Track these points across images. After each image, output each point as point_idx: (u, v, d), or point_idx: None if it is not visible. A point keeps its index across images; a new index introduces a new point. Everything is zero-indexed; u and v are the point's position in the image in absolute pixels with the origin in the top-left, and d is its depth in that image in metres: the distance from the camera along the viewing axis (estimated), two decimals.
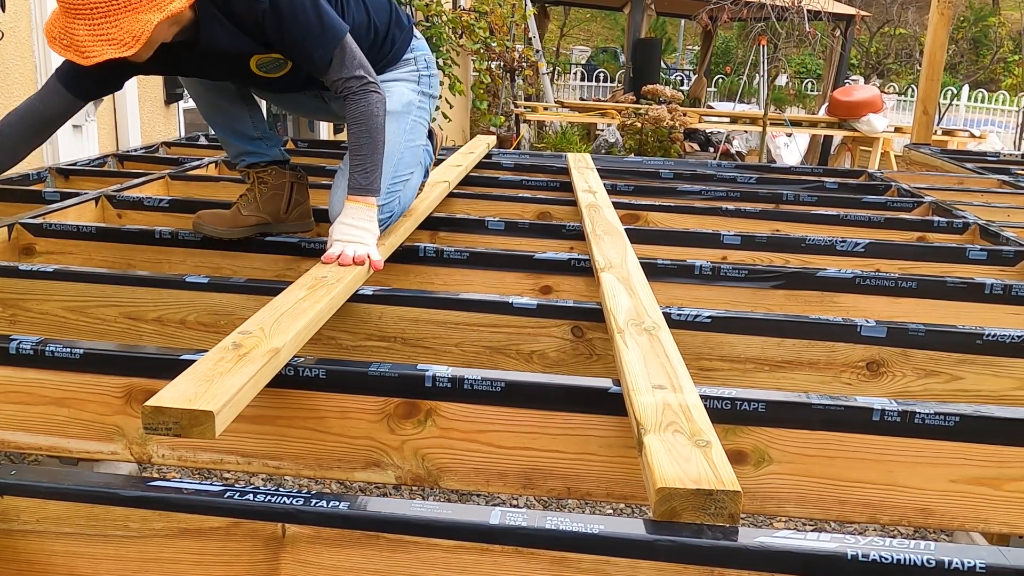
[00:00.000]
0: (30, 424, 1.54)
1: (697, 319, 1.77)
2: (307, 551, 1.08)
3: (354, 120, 1.97)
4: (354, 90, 1.97)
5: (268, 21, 1.88)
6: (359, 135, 1.97)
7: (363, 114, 1.97)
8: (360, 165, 1.98)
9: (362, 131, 1.97)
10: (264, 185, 2.25)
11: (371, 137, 1.97)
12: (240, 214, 2.22)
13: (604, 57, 20.76)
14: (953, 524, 1.41)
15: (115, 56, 1.67)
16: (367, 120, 1.97)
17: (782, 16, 8.76)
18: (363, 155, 1.98)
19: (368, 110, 1.97)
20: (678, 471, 1.06)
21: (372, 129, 1.97)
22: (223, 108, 2.26)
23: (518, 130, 9.72)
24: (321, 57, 1.94)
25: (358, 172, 1.98)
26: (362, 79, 1.98)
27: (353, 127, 1.98)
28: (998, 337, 1.75)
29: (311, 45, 1.93)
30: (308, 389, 1.46)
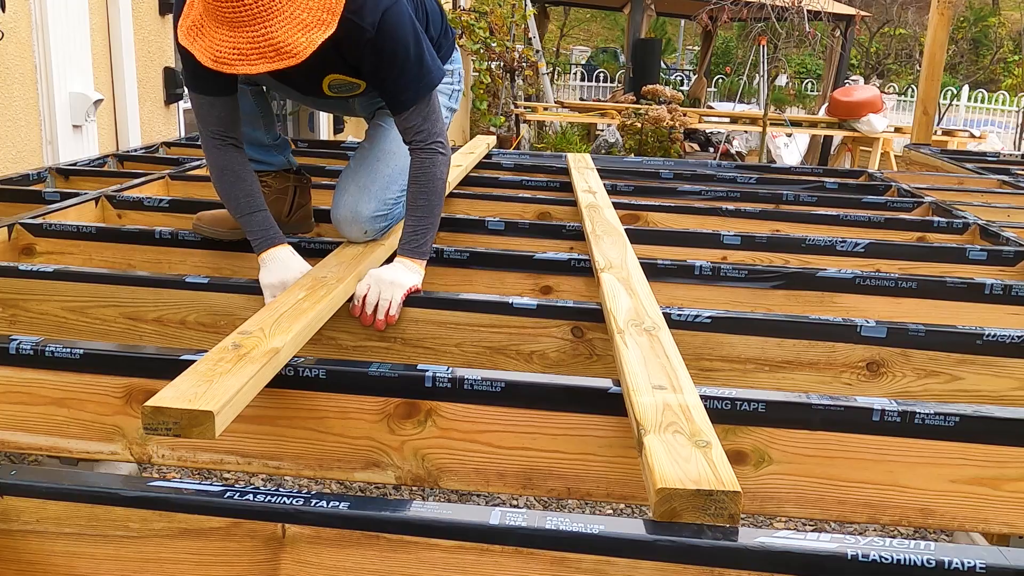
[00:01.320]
0: (30, 424, 1.54)
1: (697, 319, 1.77)
2: (307, 551, 1.08)
3: (416, 178, 1.92)
4: (424, 145, 1.91)
5: (368, 49, 1.82)
6: (418, 194, 1.91)
7: (427, 174, 1.91)
8: (414, 225, 1.91)
9: (422, 190, 1.91)
10: (267, 189, 2.22)
11: (429, 200, 1.91)
12: None
13: (604, 57, 20.76)
14: (953, 524, 1.41)
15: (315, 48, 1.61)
16: (430, 181, 1.91)
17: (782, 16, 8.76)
18: (419, 216, 1.91)
19: (433, 171, 1.91)
20: (678, 471, 1.06)
21: (432, 192, 1.92)
22: None
23: (518, 130, 9.72)
24: (408, 99, 1.89)
25: (410, 232, 1.91)
26: (435, 136, 1.93)
27: (414, 185, 1.92)
28: (998, 337, 1.75)
29: (403, 84, 1.88)
30: (308, 389, 1.46)
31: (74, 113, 3.75)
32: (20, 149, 3.54)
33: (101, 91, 3.97)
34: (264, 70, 1.58)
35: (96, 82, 3.96)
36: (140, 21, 4.32)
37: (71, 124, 3.76)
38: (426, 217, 1.92)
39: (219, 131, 1.92)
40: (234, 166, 1.93)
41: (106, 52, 4.13)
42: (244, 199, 1.93)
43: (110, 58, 4.17)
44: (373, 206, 2.07)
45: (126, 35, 4.18)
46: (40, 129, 3.66)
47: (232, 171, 1.93)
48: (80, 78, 3.80)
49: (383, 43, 1.81)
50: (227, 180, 1.93)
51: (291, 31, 1.56)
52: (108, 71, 4.16)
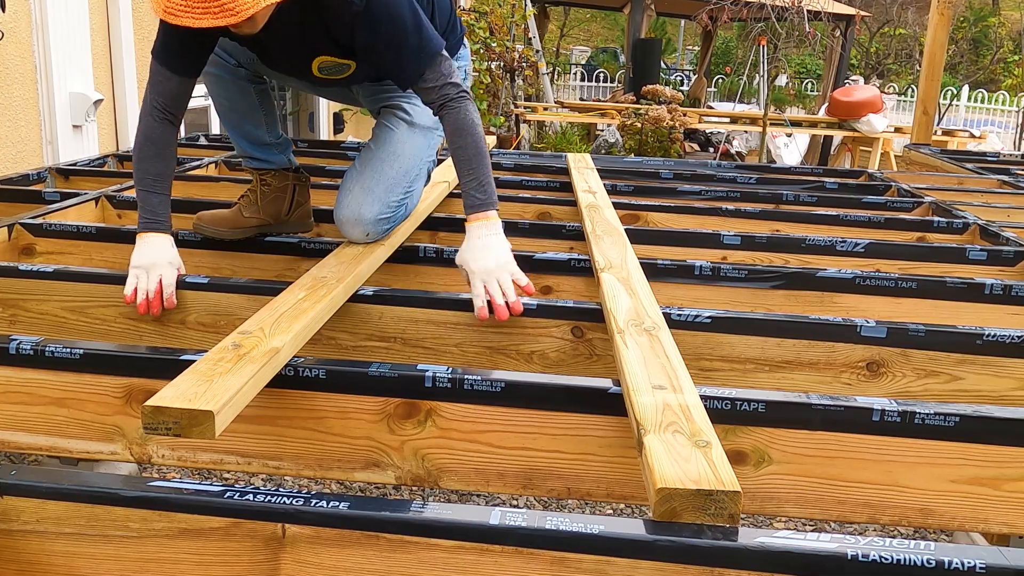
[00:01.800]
0: (30, 424, 1.54)
1: (697, 319, 1.77)
2: (307, 551, 1.08)
3: (457, 132, 1.87)
4: (451, 98, 1.86)
5: (360, 26, 1.78)
6: (466, 148, 1.87)
7: (465, 125, 1.87)
8: (474, 179, 1.87)
9: (468, 143, 1.87)
10: (267, 187, 2.22)
11: (478, 149, 1.87)
12: (241, 215, 2.20)
13: (604, 57, 20.75)
14: (953, 524, 1.41)
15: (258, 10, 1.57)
16: (471, 131, 1.87)
17: (782, 16, 8.76)
18: (474, 168, 1.87)
19: (468, 119, 1.87)
20: (678, 471, 1.06)
21: (477, 140, 1.87)
22: (240, 109, 2.21)
23: (518, 130, 9.72)
24: (413, 72, 1.86)
25: (473, 188, 1.87)
26: (457, 87, 1.88)
27: (457, 140, 1.87)
28: (998, 337, 1.75)
29: (405, 60, 1.84)
30: (308, 389, 1.46)
31: (74, 113, 3.76)
32: (20, 149, 3.54)
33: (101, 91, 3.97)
34: (207, 25, 1.54)
35: (96, 82, 3.97)
36: (140, 21, 4.32)
37: (71, 124, 3.76)
38: (482, 167, 1.88)
39: (164, 104, 1.89)
40: (161, 142, 1.91)
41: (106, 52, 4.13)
42: (154, 177, 1.91)
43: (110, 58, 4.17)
44: (377, 208, 2.06)
45: (126, 35, 4.18)
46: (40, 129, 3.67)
47: (157, 145, 1.91)
48: (80, 78, 3.80)
49: (375, 17, 1.77)
50: (148, 152, 1.91)
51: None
52: (108, 71, 4.17)
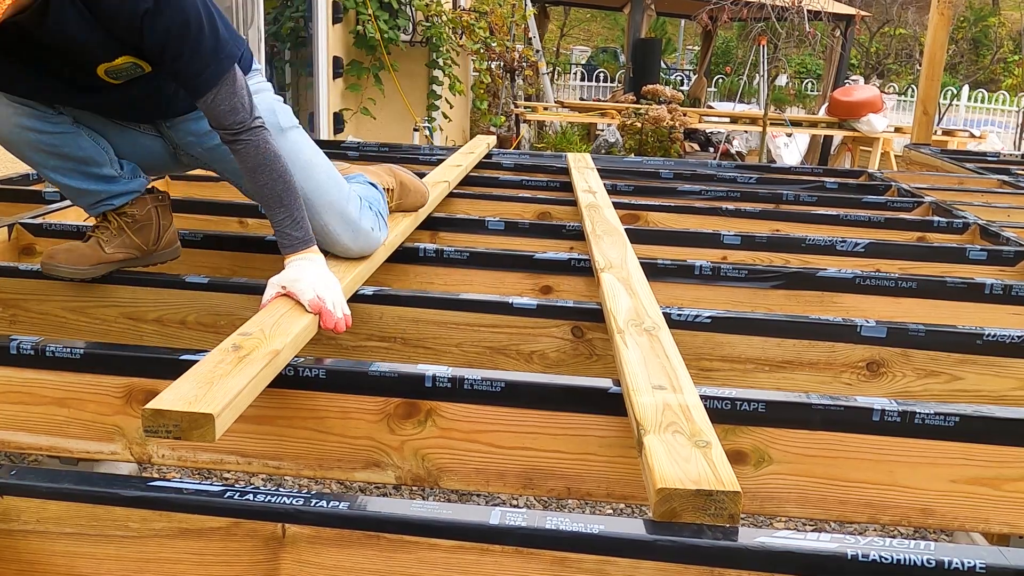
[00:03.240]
0: (30, 424, 1.54)
1: (697, 319, 1.77)
2: (307, 551, 1.08)
3: (259, 167, 1.67)
4: (248, 127, 1.65)
5: (148, 25, 1.54)
6: (274, 184, 1.68)
7: (267, 158, 1.67)
8: (287, 217, 1.69)
9: (275, 179, 1.68)
10: (129, 218, 1.90)
11: (286, 184, 1.69)
12: (102, 251, 1.88)
13: (604, 57, 20.75)
14: (953, 524, 1.41)
15: None
16: (274, 164, 1.67)
17: (782, 16, 8.76)
18: (286, 205, 1.69)
19: (271, 151, 1.67)
20: (678, 471, 1.06)
21: (284, 173, 1.69)
22: (75, 157, 1.80)
23: (518, 130, 9.72)
24: (211, 77, 1.61)
25: (288, 226, 1.69)
26: (254, 113, 1.67)
27: (261, 176, 1.67)
28: (998, 337, 1.75)
29: (200, 62, 1.60)
30: (308, 389, 1.46)
31: None
32: None
33: None
34: None
35: None
36: None
37: None
38: (295, 200, 1.71)
39: None
40: None
41: None
42: None
43: None
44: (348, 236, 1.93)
45: None
46: None
47: None
48: None
49: (165, 14, 1.55)
50: None
51: None
52: None
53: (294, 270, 1.67)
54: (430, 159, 3.72)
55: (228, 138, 1.67)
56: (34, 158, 1.78)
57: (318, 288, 1.63)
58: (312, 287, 1.62)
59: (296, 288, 1.63)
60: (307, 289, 1.62)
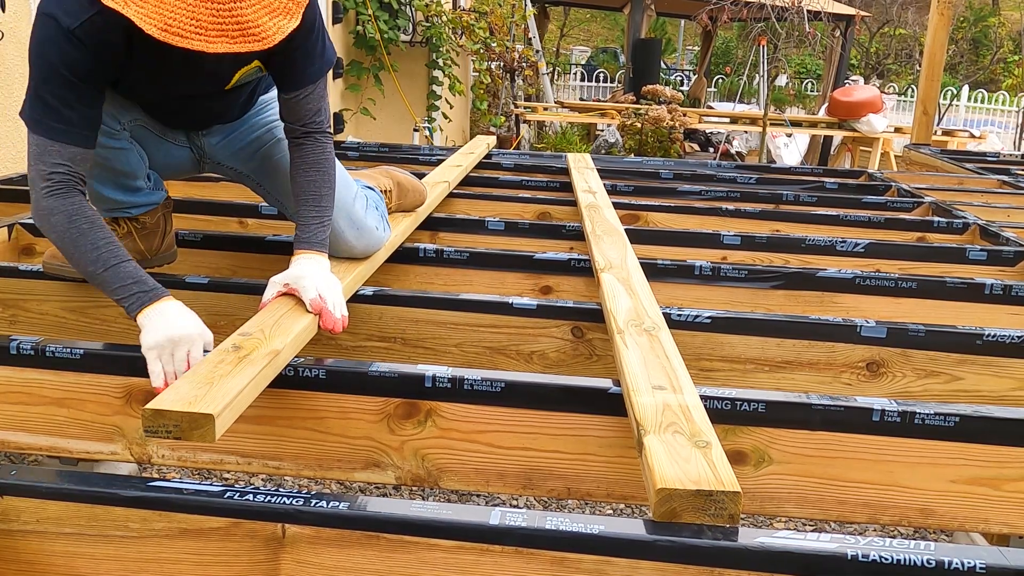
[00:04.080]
0: (30, 424, 1.54)
1: (697, 319, 1.77)
2: (307, 551, 1.08)
3: (316, 164, 1.73)
4: (322, 128, 1.74)
5: None
6: (320, 183, 1.73)
7: (326, 160, 1.74)
8: (318, 216, 1.72)
9: (324, 179, 1.74)
10: (141, 225, 1.92)
11: (332, 187, 1.76)
12: None
13: (604, 57, 20.75)
14: (953, 524, 1.41)
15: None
16: (329, 168, 1.75)
17: (782, 16, 8.76)
18: (322, 206, 1.73)
19: (330, 157, 1.75)
20: (678, 472, 1.06)
21: (332, 178, 1.76)
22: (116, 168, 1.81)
23: (518, 130, 9.72)
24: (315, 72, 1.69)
25: (315, 223, 1.72)
26: (329, 118, 1.77)
27: (313, 172, 1.72)
28: (998, 337, 1.75)
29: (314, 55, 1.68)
30: (308, 389, 1.46)
31: None
32: (20, 149, 3.54)
33: None
34: (222, 51, 1.34)
35: None
36: None
37: None
38: (331, 207, 1.75)
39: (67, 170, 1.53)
40: (85, 211, 1.54)
41: None
42: (105, 248, 1.53)
43: None
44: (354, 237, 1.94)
45: None
46: None
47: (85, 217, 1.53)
48: None
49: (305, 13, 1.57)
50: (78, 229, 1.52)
51: (259, 12, 1.36)
52: None
53: (299, 268, 1.66)
54: (430, 159, 3.72)
55: (301, 132, 1.72)
56: None
57: (321, 287, 1.62)
58: (315, 286, 1.62)
59: (300, 285, 1.62)
60: (310, 287, 1.61)
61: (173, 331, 1.45)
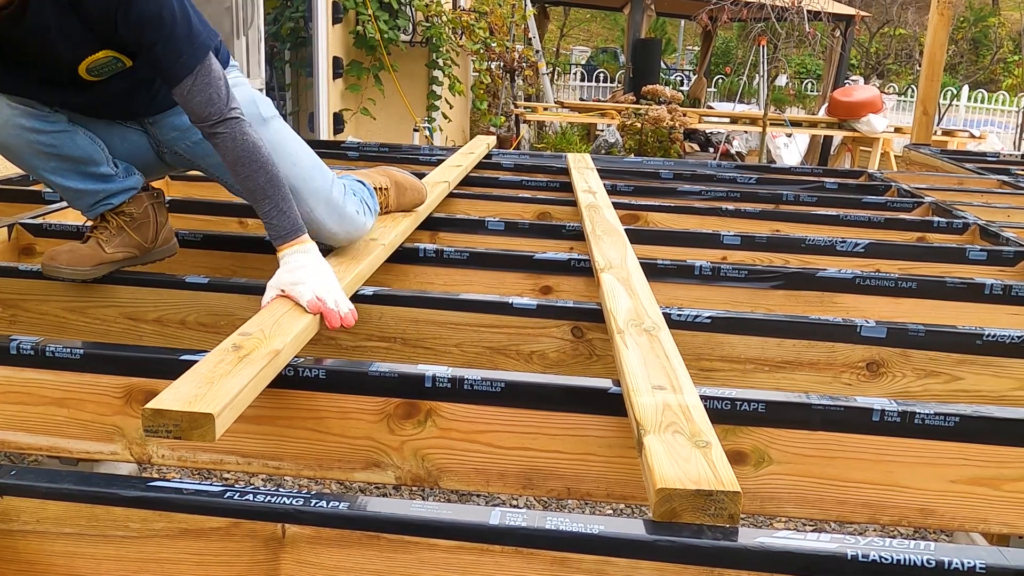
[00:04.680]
0: (30, 424, 1.54)
1: (697, 319, 1.77)
2: (307, 551, 1.08)
3: (241, 160, 1.65)
4: (224, 117, 1.64)
5: (122, 13, 1.54)
6: (256, 177, 1.66)
7: (248, 150, 1.65)
8: (273, 208, 1.67)
9: (257, 171, 1.66)
10: (128, 217, 1.91)
11: (269, 175, 1.67)
12: (102, 250, 1.88)
13: (604, 57, 20.75)
14: (953, 524, 1.41)
15: None
16: (255, 155, 1.65)
17: (782, 16, 8.76)
18: (271, 196, 1.67)
19: (250, 142, 1.65)
20: (678, 472, 1.06)
21: (266, 165, 1.66)
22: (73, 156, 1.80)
23: (518, 130, 9.72)
24: (187, 64, 1.60)
25: (274, 216, 1.67)
26: (230, 103, 1.66)
27: (243, 168, 1.65)
28: (998, 337, 1.75)
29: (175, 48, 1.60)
30: (308, 389, 1.46)
31: None
32: None
33: None
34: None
35: None
36: None
37: None
38: (281, 190, 1.68)
39: None
40: None
41: None
42: None
43: None
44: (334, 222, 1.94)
45: None
46: None
47: None
48: None
49: (138, 3, 1.55)
50: None
51: None
52: None
53: (289, 268, 1.65)
54: (430, 159, 3.72)
55: (207, 131, 1.66)
56: (33, 162, 1.77)
57: (317, 289, 1.62)
58: (311, 289, 1.61)
59: (295, 292, 1.62)
60: (306, 291, 1.61)
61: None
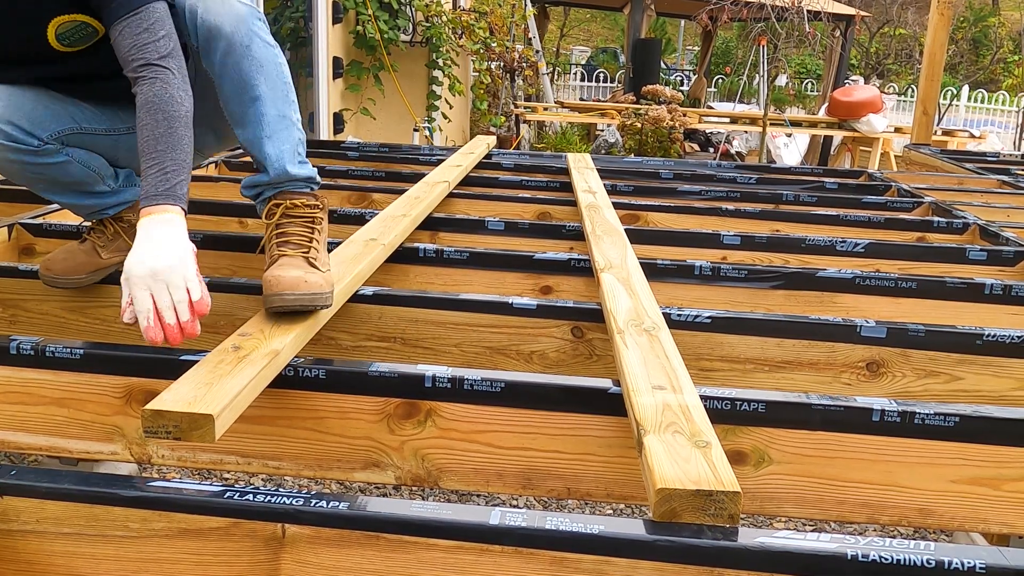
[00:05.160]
0: (30, 424, 1.54)
1: (697, 319, 1.77)
2: (307, 551, 1.08)
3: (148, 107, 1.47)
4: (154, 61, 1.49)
5: None
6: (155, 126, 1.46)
7: (160, 100, 1.47)
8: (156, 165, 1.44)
9: (158, 120, 1.46)
10: (126, 224, 1.88)
11: (169, 128, 1.47)
12: (98, 256, 1.87)
13: (604, 57, 20.75)
14: (953, 524, 1.41)
15: None
16: (164, 107, 1.47)
17: (782, 16, 8.76)
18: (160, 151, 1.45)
19: (168, 94, 1.48)
20: (678, 472, 1.06)
21: (170, 119, 1.47)
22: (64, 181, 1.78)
23: (518, 130, 9.72)
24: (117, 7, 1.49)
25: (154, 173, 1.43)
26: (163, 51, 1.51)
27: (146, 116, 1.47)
28: (998, 337, 1.75)
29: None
30: (308, 389, 1.46)
31: None
32: None
33: None
34: None
35: None
36: None
37: None
38: (173, 149, 1.46)
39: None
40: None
41: None
42: None
43: None
44: None
45: None
46: None
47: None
48: None
49: None
50: None
51: None
52: None
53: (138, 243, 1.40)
54: (430, 159, 3.72)
55: (132, 76, 1.51)
56: (23, 183, 1.75)
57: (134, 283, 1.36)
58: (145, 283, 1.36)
59: (127, 287, 1.37)
60: (124, 288, 1.37)
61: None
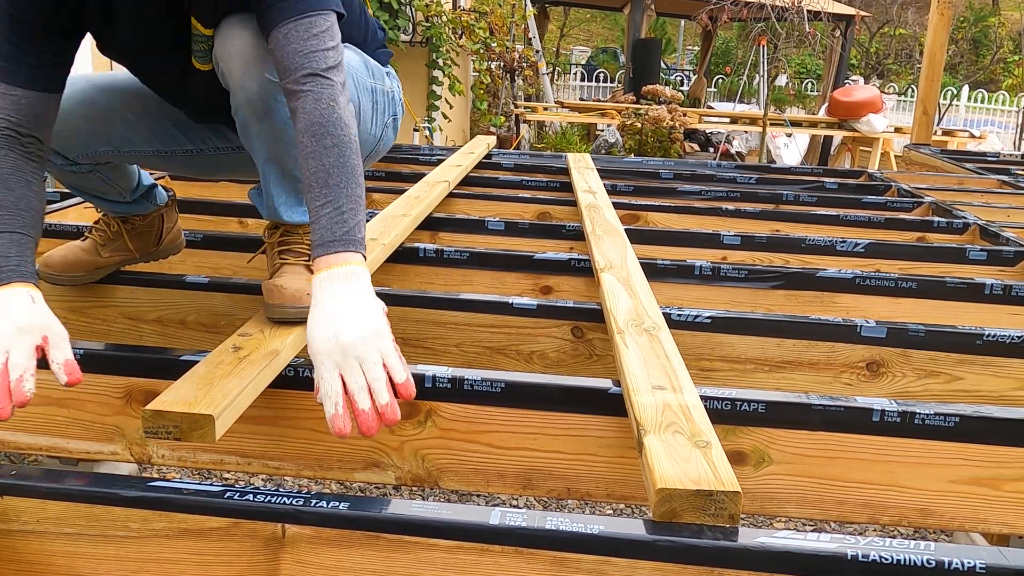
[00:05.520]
0: (30, 424, 1.54)
1: (697, 319, 1.77)
2: (307, 551, 1.08)
3: (312, 129, 1.26)
4: (322, 70, 1.28)
5: None
6: (323, 155, 1.25)
7: (327, 119, 1.26)
8: (328, 202, 1.24)
9: (327, 147, 1.25)
10: (130, 226, 1.89)
11: (342, 157, 1.26)
12: (99, 255, 1.87)
13: (604, 57, 20.75)
14: (953, 524, 1.41)
15: None
16: (333, 130, 1.26)
17: (782, 16, 8.76)
18: (333, 185, 1.24)
19: (335, 114, 1.27)
20: (678, 472, 1.06)
21: (342, 145, 1.26)
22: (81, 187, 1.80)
23: (518, 130, 9.72)
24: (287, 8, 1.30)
25: (327, 214, 1.24)
26: (335, 61, 1.31)
27: (311, 140, 1.26)
28: (998, 337, 1.75)
29: None
30: (308, 389, 1.45)
31: None
32: None
33: None
34: None
35: None
36: None
37: None
38: (349, 183, 1.26)
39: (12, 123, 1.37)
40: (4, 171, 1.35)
41: None
42: None
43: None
44: None
45: None
46: None
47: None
48: None
49: None
50: None
51: None
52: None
53: (320, 307, 1.21)
54: (430, 159, 3.72)
55: (291, 88, 1.29)
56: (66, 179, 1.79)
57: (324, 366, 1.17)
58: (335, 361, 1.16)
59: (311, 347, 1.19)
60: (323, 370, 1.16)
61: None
